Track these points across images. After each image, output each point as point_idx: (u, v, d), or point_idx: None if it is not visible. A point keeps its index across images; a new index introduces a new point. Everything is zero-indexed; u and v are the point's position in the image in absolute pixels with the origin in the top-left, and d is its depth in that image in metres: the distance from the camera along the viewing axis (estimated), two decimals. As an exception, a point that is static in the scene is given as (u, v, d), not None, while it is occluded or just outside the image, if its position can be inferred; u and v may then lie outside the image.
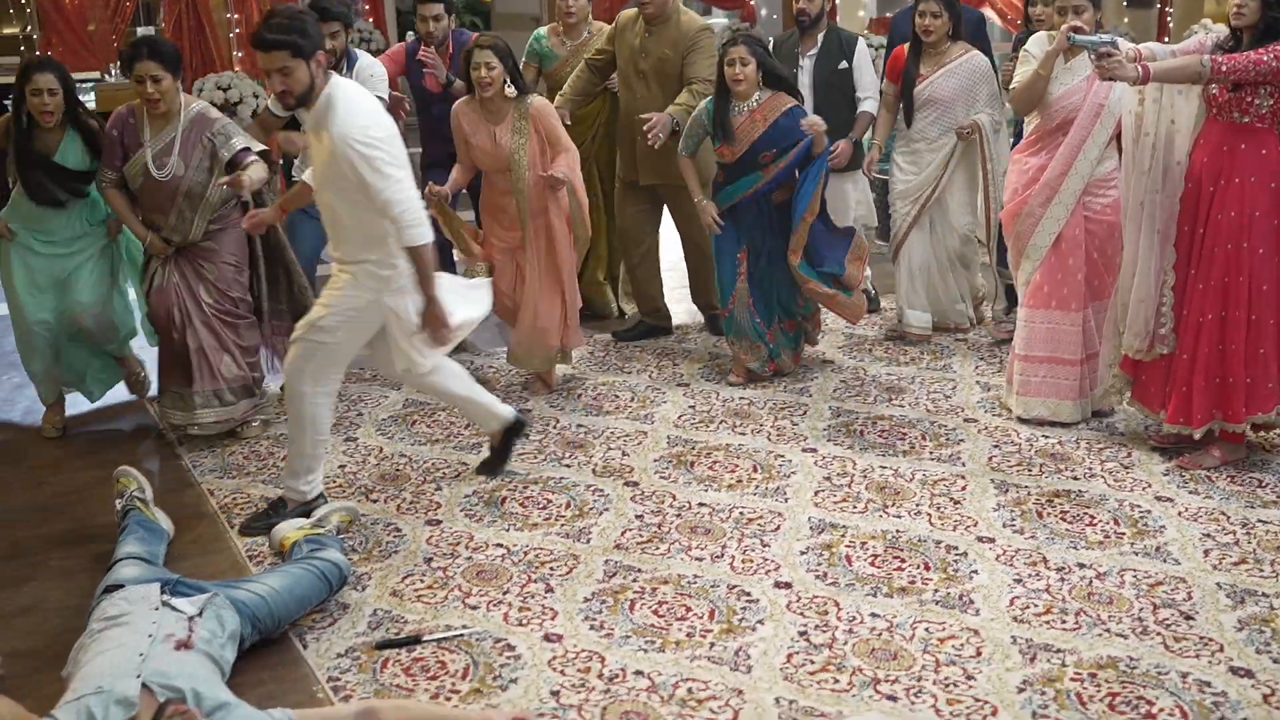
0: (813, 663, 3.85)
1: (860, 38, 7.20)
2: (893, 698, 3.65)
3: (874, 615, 4.11)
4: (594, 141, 7.31)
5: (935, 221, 6.92)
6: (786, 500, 4.98)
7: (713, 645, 3.96)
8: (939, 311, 7.11)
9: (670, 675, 3.79)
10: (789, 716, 3.57)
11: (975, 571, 4.38)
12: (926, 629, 4.02)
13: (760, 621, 4.09)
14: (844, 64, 7.01)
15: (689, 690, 3.72)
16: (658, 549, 4.61)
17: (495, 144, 6.02)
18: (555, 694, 3.72)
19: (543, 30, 7.29)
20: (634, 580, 4.38)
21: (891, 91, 6.91)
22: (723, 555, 4.55)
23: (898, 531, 4.69)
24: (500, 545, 4.68)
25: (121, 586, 3.90)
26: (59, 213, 5.89)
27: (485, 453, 5.41)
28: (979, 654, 3.87)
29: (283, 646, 4.02)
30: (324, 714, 3.56)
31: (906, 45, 6.83)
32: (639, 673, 3.81)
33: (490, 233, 6.29)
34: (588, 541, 4.68)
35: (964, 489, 5.05)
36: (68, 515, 5.15)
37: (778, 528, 4.74)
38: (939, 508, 4.88)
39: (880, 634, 4.00)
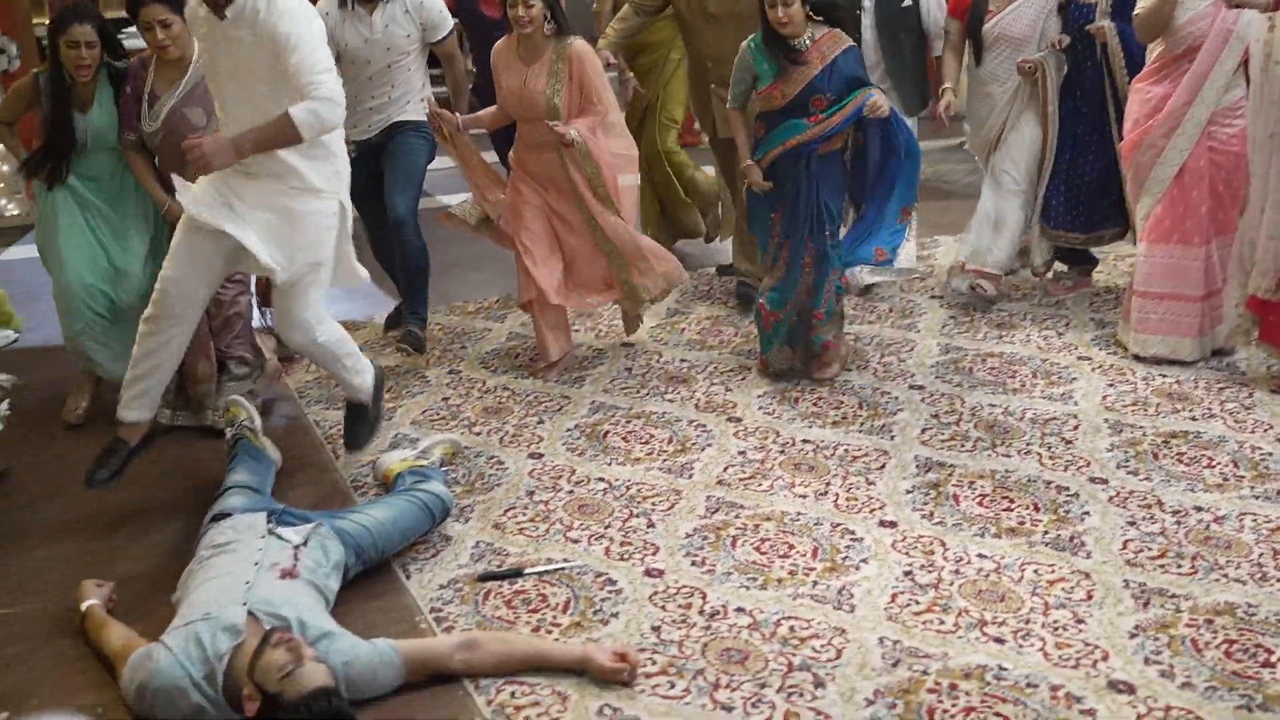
0: (918, 603, 3.78)
1: None
2: (999, 640, 3.58)
3: (981, 556, 4.03)
4: (661, 82, 6.94)
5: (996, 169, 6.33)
6: (892, 438, 4.90)
7: (815, 584, 3.91)
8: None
9: (772, 613, 3.76)
10: (893, 657, 3.52)
11: (1087, 513, 4.27)
12: (1035, 571, 3.93)
13: (864, 560, 4.04)
14: (908, 0, 6.30)
15: (791, 629, 3.68)
16: (760, 485, 4.57)
17: (525, 86, 5.45)
18: (656, 629, 3.70)
19: None
20: (736, 516, 4.34)
21: (956, 30, 6.21)
22: (826, 493, 4.48)
23: (1007, 471, 4.59)
24: (602, 479, 4.66)
25: (229, 515, 3.95)
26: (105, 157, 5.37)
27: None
28: (1089, 598, 3.77)
29: (386, 577, 4.05)
30: (426, 644, 3.59)
31: None
32: (740, 609, 3.78)
33: (516, 196, 5.68)
34: (690, 477, 4.65)
35: (1076, 428, 4.92)
36: (176, 443, 5.22)
37: (883, 465, 4.67)
38: (1050, 447, 4.76)
39: (987, 575, 3.92)
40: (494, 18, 6.28)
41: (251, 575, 3.58)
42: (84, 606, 3.78)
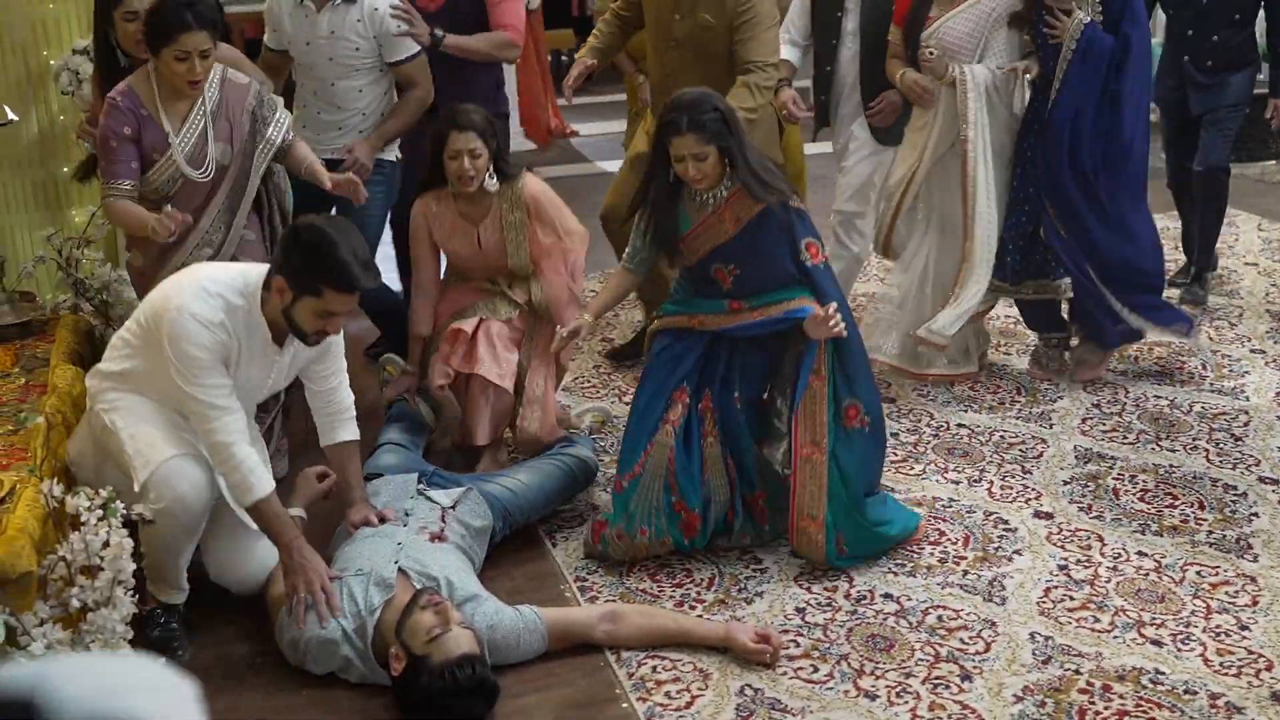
0: (1072, 599, 3.67)
1: None
2: (1157, 643, 3.45)
3: (1141, 554, 3.90)
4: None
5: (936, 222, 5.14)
6: (1051, 426, 4.76)
7: (966, 573, 3.82)
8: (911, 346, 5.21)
9: (920, 601, 3.68)
10: (1044, 654, 3.42)
11: (1255, 514, 4.10)
12: (1198, 572, 3.78)
13: (1018, 551, 3.93)
14: None
15: (939, 618, 3.60)
16: (912, 469, 4.48)
17: (480, 248, 4.50)
18: (800, 611, 3.66)
19: None
20: (886, 500, 4.26)
21: (898, 38, 5.08)
22: (980, 480, 4.38)
23: (1171, 466, 4.43)
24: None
25: (380, 475, 4.00)
26: None
27: None
28: (1255, 603, 3.62)
29: (533, 544, 4.07)
30: (569, 613, 3.60)
31: None
32: (887, 595, 3.71)
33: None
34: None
35: (1247, 425, 4.73)
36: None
37: (1040, 454, 4.54)
38: (1218, 444, 4.58)
39: (1147, 574, 3.79)
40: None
41: (403, 535, 3.62)
42: None
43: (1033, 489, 4.31)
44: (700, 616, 3.65)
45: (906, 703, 3.24)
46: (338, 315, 3.44)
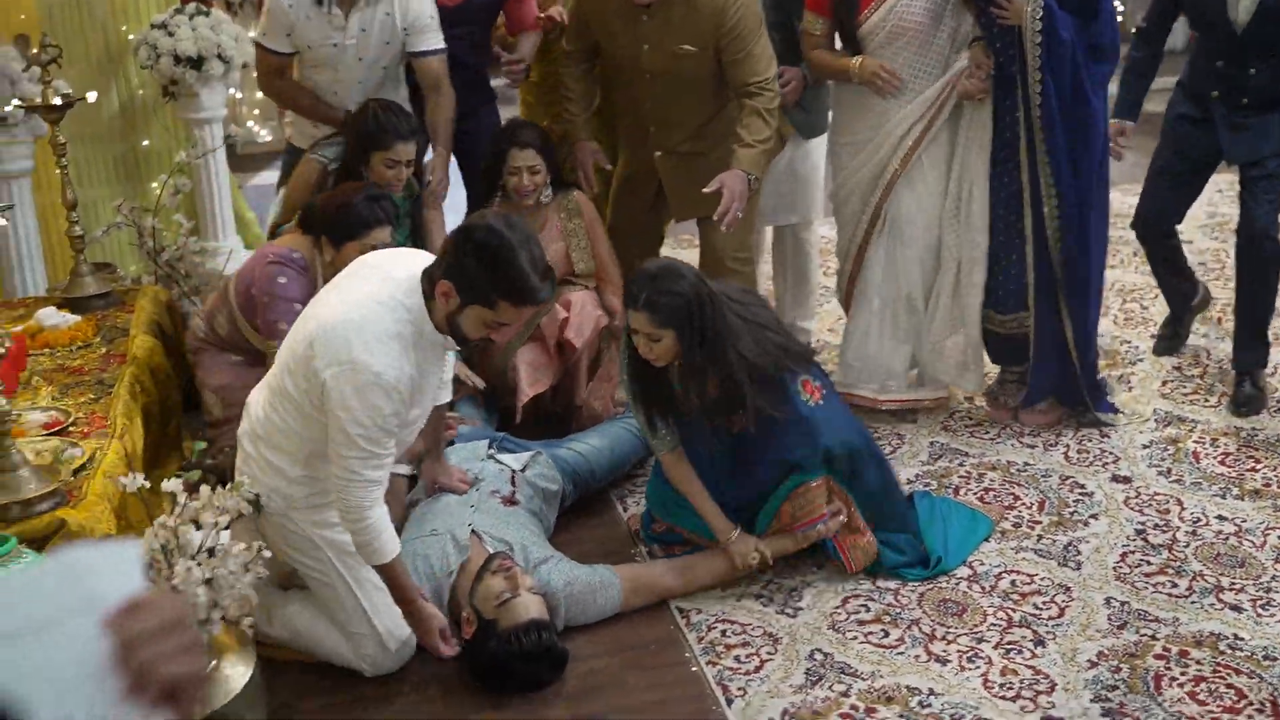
0: (1149, 564, 3.61)
1: None
2: (1236, 608, 3.38)
3: (1221, 518, 3.81)
4: None
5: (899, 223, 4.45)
6: (1131, 389, 4.67)
7: (1041, 538, 3.77)
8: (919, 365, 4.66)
9: (994, 565, 3.63)
10: (1119, 619, 3.36)
11: (1341, 478, 4.00)
12: (1280, 537, 3.71)
13: (1094, 516, 3.87)
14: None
15: (1012, 583, 3.55)
16: (987, 433, 4.42)
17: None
18: (872, 575, 3.62)
19: None
20: (960, 464, 4.21)
21: (822, 28, 4.40)
22: (1057, 444, 4.31)
23: (1253, 429, 4.33)
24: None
25: (450, 443, 4.00)
26: None
27: None
28: (1339, 568, 3.54)
29: (603, 507, 4.07)
30: (641, 567, 3.62)
31: None
32: (961, 560, 3.66)
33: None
34: (914, 421, 4.52)
35: (1334, 387, 4.61)
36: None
37: (1117, 423, 4.45)
38: (1303, 405, 4.48)
39: (1227, 539, 3.71)
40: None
41: (475, 499, 3.64)
42: None
43: (1111, 453, 4.23)
44: (770, 579, 3.62)
45: (978, 667, 3.20)
46: (508, 325, 3.24)
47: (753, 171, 4.15)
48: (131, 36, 5.74)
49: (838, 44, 4.45)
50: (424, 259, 3.20)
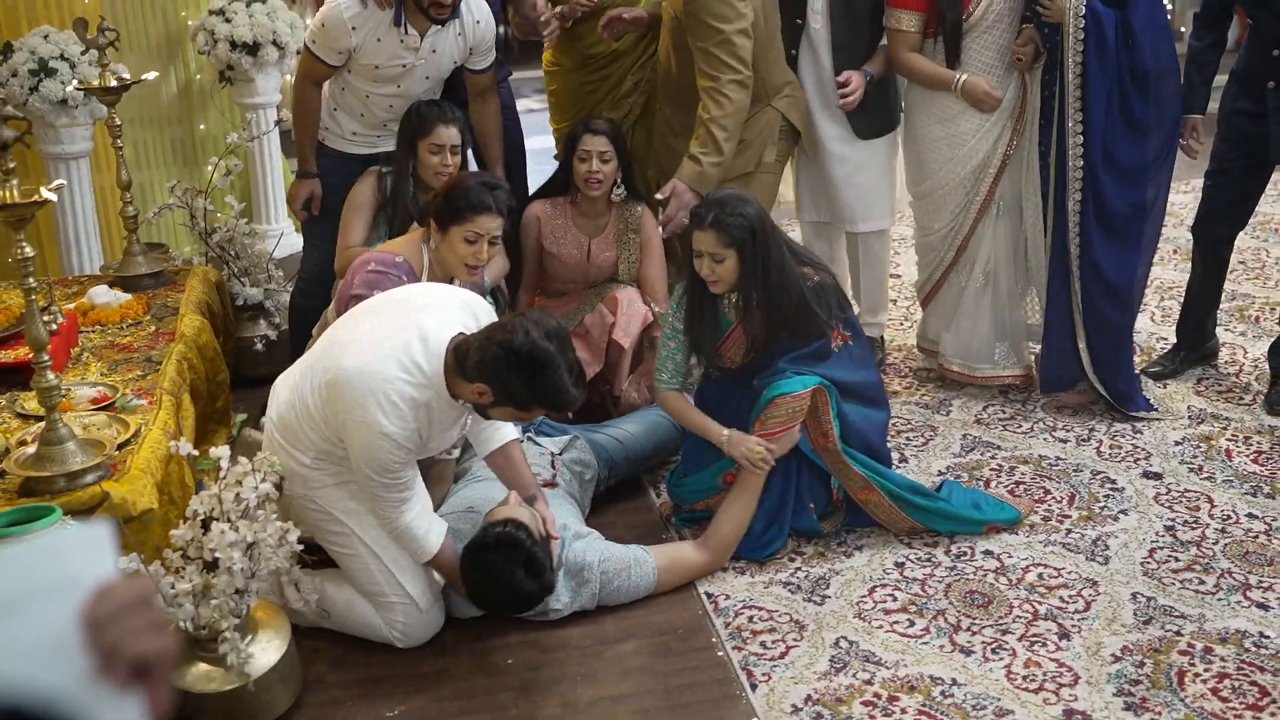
0: (1177, 560, 3.57)
1: None
2: (1263, 606, 3.34)
3: (1251, 516, 3.77)
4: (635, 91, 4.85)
5: (1008, 211, 4.48)
6: (1165, 386, 4.61)
7: (1069, 531, 3.73)
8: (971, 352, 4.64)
9: (1021, 558, 3.61)
10: (1145, 614, 3.33)
11: (1374, 479, 3.94)
12: (1310, 536, 3.66)
13: (1123, 511, 3.83)
14: None
15: (1039, 576, 3.52)
16: (1020, 427, 4.38)
17: (589, 260, 4.52)
18: (899, 566, 3.61)
19: None
20: (992, 457, 4.18)
21: (914, 23, 4.33)
22: (1089, 439, 4.27)
23: (1288, 428, 4.28)
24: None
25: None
26: None
27: None
28: (1369, 569, 3.49)
29: (636, 492, 4.07)
30: (672, 546, 3.64)
31: None
32: (988, 552, 3.64)
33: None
34: (947, 414, 4.49)
35: (1370, 387, 4.54)
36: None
37: (1157, 418, 4.39)
38: (1339, 406, 4.41)
39: (1256, 537, 3.66)
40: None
41: (513, 480, 3.65)
42: None
43: (1142, 449, 4.18)
44: (799, 568, 3.62)
45: (1001, 659, 3.18)
46: (534, 416, 3.29)
47: (685, 180, 4.14)
48: (190, 23, 5.80)
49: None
50: (460, 319, 3.22)
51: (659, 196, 4.20)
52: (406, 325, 3.16)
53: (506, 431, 3.47)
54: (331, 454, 3.22)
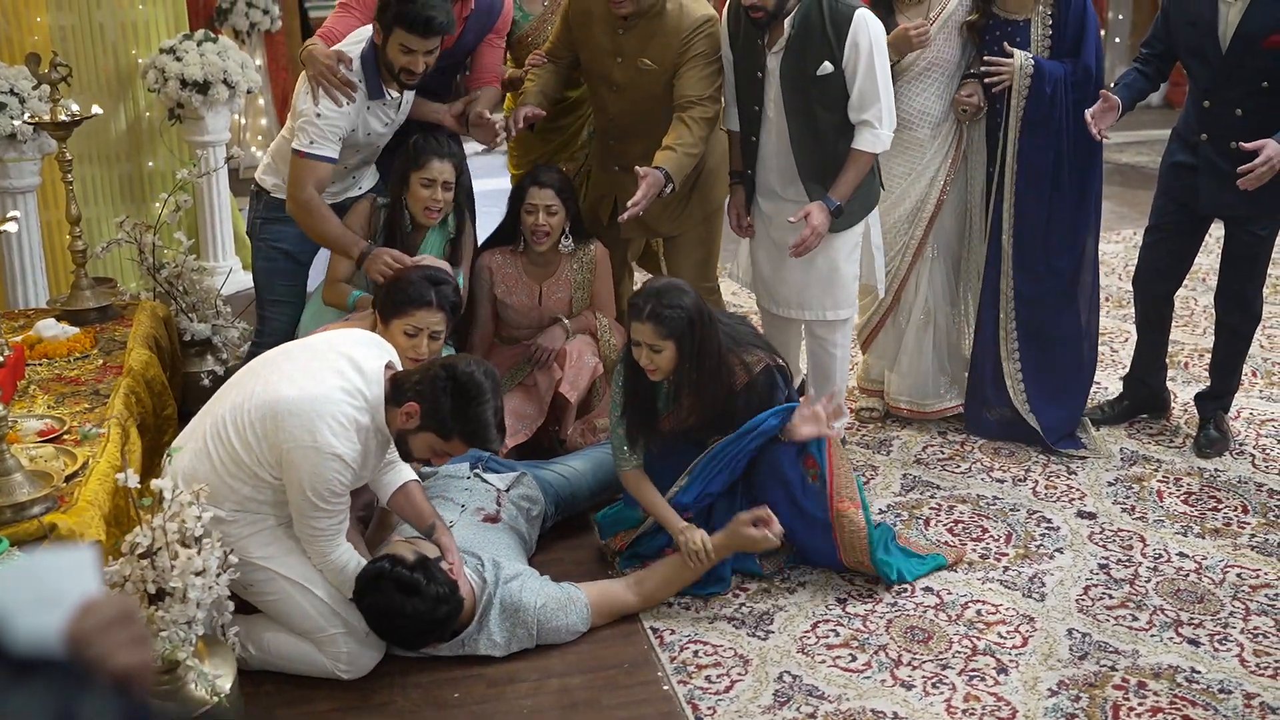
0: (1111, 597, 3.62)
1: (863, 8, 4.07)
2: (1194, 642, 3.39)
3: (1182, 555, 3.83)
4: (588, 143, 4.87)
5: (943, 254, 4.59)
6: (1098, 428, 4.68)
7: (1007, 569, 3.78)
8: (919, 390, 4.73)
9: (960, 595, 3.64)
10: (1081, 650, 3.37)
11: (1299, 519, 4.02)
12: (1239, 575, 3.71)
13: (1059, 550, 3.88)
14: (827, 65, 4.03)
15: (978, 612, 3.56)
16: (958, 466, 4.43)
17: (540, 304, 4.48)
18: (841, 602, 3.63)
19: None
20: (931, 496, 4.22)
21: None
22: (1025, 479, 4.32)
23: (1216, 470, 4.34)
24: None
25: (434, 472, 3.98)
26: None
27: None
28: (1295, 606, 3.55)
29: (583, 528, 4.07)
30: (606, 585, 3.63)
31: None
32: (928, 589, 3.67)
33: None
34: (887, 454, 4.54)
35: (1294, 431, 4.64)
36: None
37: (1085, 456, 4.46)
38: (1264, 449, 4.49)
39: (1187, 575, 3.72)
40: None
41: (455, 515, 3.64)
42: None
43: (1077, 489, 4.24)
44: (743, 603, 3.63)
45: (942, 693, 3.20)
46: (450, 457, 3.37)
47: (666, 169, 4.04)
48: (141, 60, 5.77)
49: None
50: (390, 354, 3.35)
51: (638, 169, 4.04)
52: (336, 357, 3.25)
53: (405, 473, 3.51)
54: (254, 499, 3.22)
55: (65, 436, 3.46)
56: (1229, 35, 4.05)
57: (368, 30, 4.07)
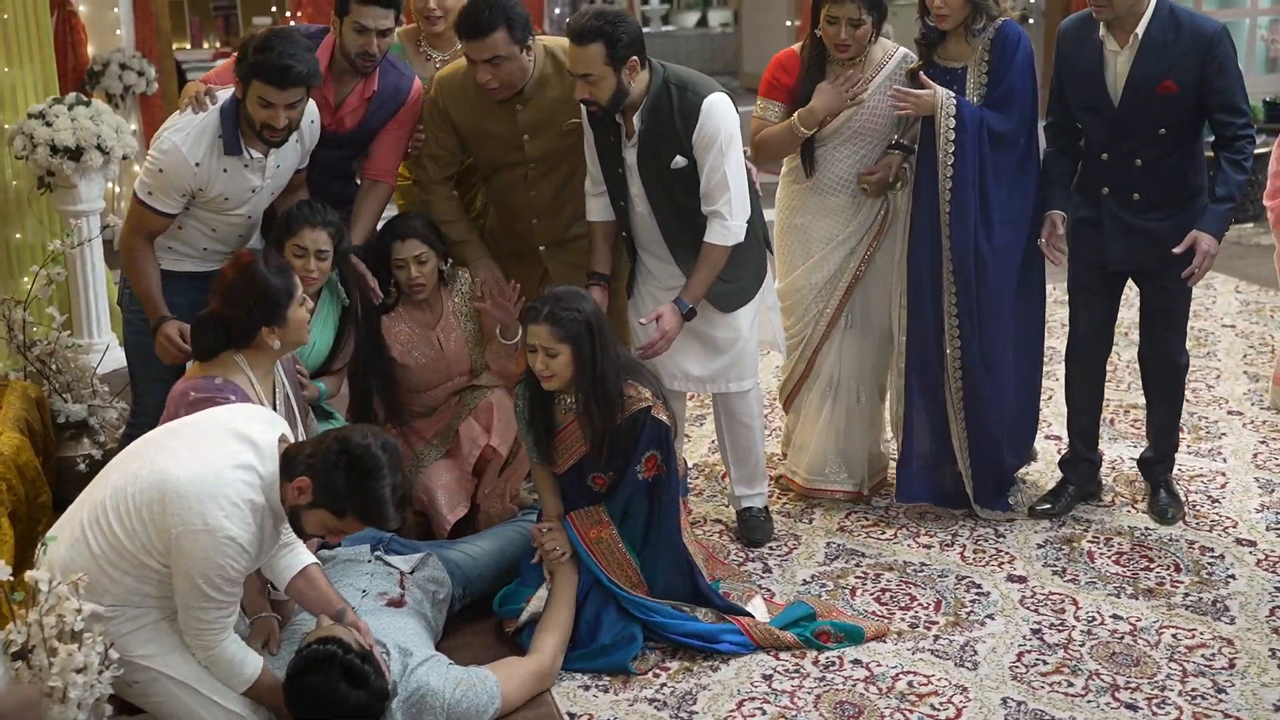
0: (1045, 663, 3.67)
1: (715, 94, 4.06)
2: (1132, 706, 3.45)
3: (1116, 617, 3.90)
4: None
5: (860, 323, 4.63)
6: (1023, 489, 4.77)
7: (937, 638, 3.82)
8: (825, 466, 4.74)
9: (890, 666, 3.67)
10: (1016, 718, 3.41)
11: (1232, 576, 4.11)
12: (1174, 635, 3.79)
13: (990, 616, 3.93)
14: (680, 160, 4.07)
15: (909, 684, 3.59)
16: (883, 533, 4.48)
17: (442, 350, 4.49)
18: (767, 678, 3.65)
19: (397, 39, 4.51)
20: (856, 565, 4.26)
21: (776, 115, 4.43)
22: (953, 544, 4.38)
23: (1146, 529, 4.44)
24: (719, 520, 4.61)
25: (332, 547, 3.94)
26: None
27: None
28: (1232, 665, 3.63)
29: (492, 612, 4.04)
30: (506, 661, 3.64)
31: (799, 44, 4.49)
32: (857, 662, 3.70)
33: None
34: (810, 522, 4.58)
35: (1224, 487, 4.76)
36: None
37: (1013, 519, 4.54)
38: (1195, 506, 4.60)
39: (1122, 637, 3.80)
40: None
41: (356, 601, 3.60)
42: None
43: (1006, 553, 4.31)
44: (664, 684, 3.63)
45: (875, 770, 3.22)
46: (346, 534, 3.33)
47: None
48: (7, 126, 5.70)
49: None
50: (283, 428, 3.31)
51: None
52: (226, 434, 3.19)
53: (304, 556, 3.47)
54: (137, 591, 3.16)
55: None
56: (1119, 86, 4.18)
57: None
